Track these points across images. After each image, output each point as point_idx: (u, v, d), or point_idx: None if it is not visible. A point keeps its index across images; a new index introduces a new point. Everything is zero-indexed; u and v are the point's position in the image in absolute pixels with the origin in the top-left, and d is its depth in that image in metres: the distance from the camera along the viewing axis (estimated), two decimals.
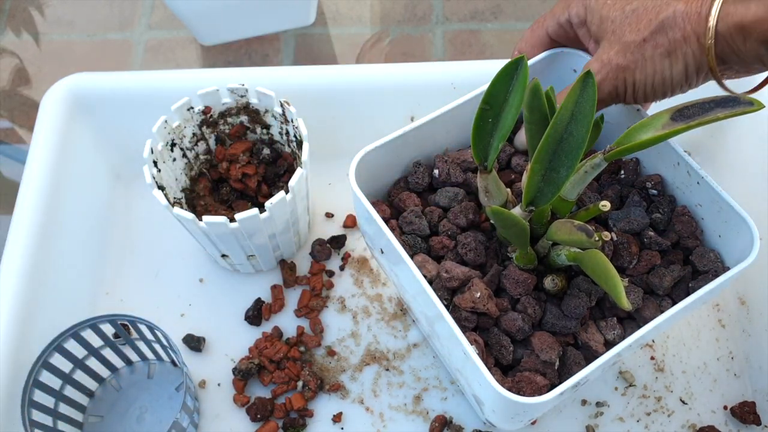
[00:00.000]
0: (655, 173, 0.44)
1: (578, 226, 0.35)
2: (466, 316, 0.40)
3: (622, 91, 0.40)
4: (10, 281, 0.49)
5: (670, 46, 0.37)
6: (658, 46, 0.37)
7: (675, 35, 0.37)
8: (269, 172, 0.56)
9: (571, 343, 0.41)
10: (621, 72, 0.39)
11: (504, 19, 0.82)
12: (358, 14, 0.82)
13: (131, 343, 0.51)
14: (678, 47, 0.37)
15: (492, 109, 0.36)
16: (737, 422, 0.50)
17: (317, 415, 0.51)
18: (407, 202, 0.44)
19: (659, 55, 0.38)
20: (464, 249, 0.41)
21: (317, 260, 0.57)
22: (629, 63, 0.39)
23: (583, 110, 0.34)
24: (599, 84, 0.40)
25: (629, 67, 0.39)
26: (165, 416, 0.51)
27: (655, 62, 0.38)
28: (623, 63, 0.39)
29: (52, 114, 0.56)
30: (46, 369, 0.46)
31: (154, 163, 0.50)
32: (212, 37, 0.78)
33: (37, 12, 0.83)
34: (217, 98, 0.53)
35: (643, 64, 0.38)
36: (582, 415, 0.51)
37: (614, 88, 0.40)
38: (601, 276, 0.33)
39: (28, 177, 0.53)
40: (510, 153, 0.46)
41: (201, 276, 0.57)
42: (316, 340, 0.53)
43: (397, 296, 0.55)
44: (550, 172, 0.35)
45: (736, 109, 0.33)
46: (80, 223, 0.56)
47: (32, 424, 0.44)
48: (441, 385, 0.52)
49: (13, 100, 0.77)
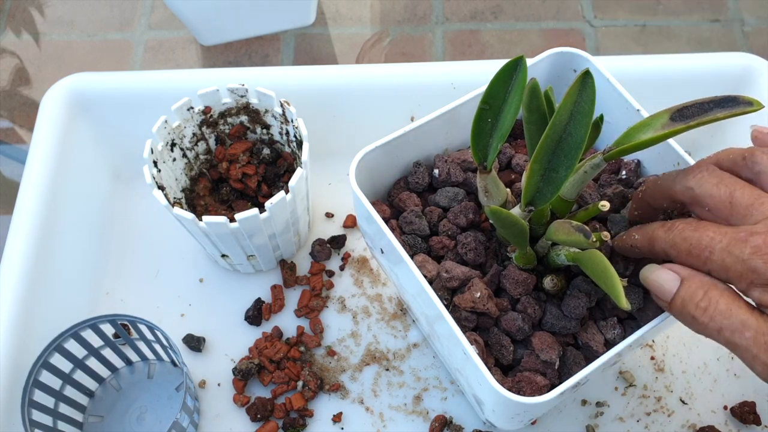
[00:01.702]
0: (655, 174, 0.44)
1: (576, 227, 0.35)
2: (466, 316, 0.40)
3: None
4: (10, 281, 0.49)
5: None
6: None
7: None
8: (269, 172, 0.57)
9: (571, 343, 0.41)
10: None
11: (504, 19, 0.82)
12: (358, 14, 0.82)
13: (131, 343, 0.51)
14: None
15: (491, 109, 0.36)
16: (737, 422, 0.50)
17: (317, 415, 0.51)
18: (407, 202, 0.44)
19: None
20: (464, 249, 0.41)
21: (317, 260, 0.57)
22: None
23: (582, 110, 0.34)
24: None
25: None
26: (165, 416, 0.51)
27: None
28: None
29: (52, 114, 0.56)
30: (46, 369, 0.46)
31: (154, 163, 0.50)
32: (212, 37, 0.78)
33: (37, 12, 0.83)
34: (217, 98, 0.53)
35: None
36: (582, 415, 0.51)
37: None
38: (601, 276, 0.33)
39: (28, 177, 0.53)
40: (510, 153, 0.46)
41: (201, 276, 0.57)
42: (316, 340, 0.53)
43: (397, 296, 0.55)
44: (550, 172, 0.35)
45: (736, 109, 0.33)
46: (80, 223, 0.56)
47: (32, 424, 0.44)
48: (441, 385, 0.52)
49: (13, 100, 0.77)
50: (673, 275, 0.34)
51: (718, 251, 0.31)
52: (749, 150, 0.34)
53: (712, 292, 0.32)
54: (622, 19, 0.82)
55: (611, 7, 0.83)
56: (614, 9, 0.83)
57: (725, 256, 0.31)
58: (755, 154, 0.34)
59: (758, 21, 0.82)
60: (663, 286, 0.34)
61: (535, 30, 0.81)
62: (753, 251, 0.30)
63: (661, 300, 0.34)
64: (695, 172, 0.34)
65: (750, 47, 0.80)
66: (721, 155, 0.36)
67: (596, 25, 0.82)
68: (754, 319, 0.30)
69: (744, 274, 0.31)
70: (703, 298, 0.32)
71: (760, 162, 0.33)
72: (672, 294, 0.33)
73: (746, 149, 0.34)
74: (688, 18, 0.83)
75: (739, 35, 0.81)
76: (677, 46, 0.80)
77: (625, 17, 0.83)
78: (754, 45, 0.80)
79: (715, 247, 0.32)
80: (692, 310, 0.32)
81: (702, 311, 0.32)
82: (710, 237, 0.32)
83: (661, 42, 0.81)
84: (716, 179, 0.33)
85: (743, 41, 0.80)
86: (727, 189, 0.33)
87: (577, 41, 0.80)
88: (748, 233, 0.31)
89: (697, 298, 0.32)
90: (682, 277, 0.33)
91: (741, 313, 0.31)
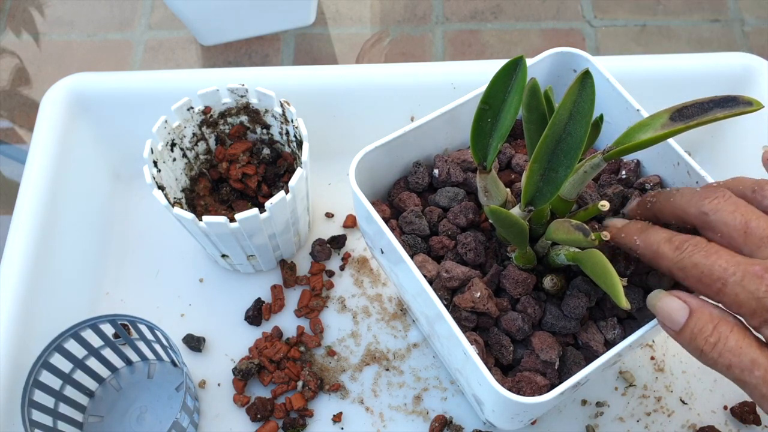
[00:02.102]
0: (655, 174, 0.44)
1: (576, 226, 0.35)
2: (466, 316, 0.40)
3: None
4: (10, 281, 0.49)
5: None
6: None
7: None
8: (269, 172, 0.57)
9: (571, 343, 0.41)
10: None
11: (504, 19, 0.82)
12: (358, 14, 0.82)
13: (131, 343, 0.51)
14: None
15: (491, 109, 0.36)
16: (737, 422, 0.50)
17: (317, 415, 0.51)
18: (407, 202, 0.44)
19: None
20: (464, 249, 0.41)
21: (317, 260, 0.57)
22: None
23: (582, 110, 0.34)
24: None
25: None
26: (165, 416, 0.51)
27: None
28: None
29: (52, 114, 0.56)
30: (46, 369, 0.46)
31: (154, 163, 0.50)
32: (212, 37, 0.78)
33: (37, 12, 0.83)
34: (217, 98, 0.53)
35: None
36: (582, 415, 0.51)
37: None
38: (600, 276, 0.33)
39: (28, 177, 0.53)
40: (510, 153, 0.46)
41: (201, 276, 0.57)
42: (316, 340, 0.53)
43: (397, 296, 0.55)
44: (549, 171, 0.35)
45: (735, 109, 0.33)
46: (80, 223, 0.56)
47: (32, 424, 0.44)
48: (441, 385, 0.52)
49: (13, 100, 0.77)
50: (681, 304, 0.33)
51: (731, 284, 0.31)
52: (760, 183, 0.34)
53: (721, 327, 0.31)
54: (622, 19, 0.82)
55: (611, 7, 0.83)
56: (614, 9, 0.83)
57: (739, 290, 0.30)
58: (765, 188, 0.33)
59: (758, 21, 0.82)
60: (671, 315, 0.33)
61: (535, 30, 0.81)
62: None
63: (669, 329, 0.34)
64: (710, 197, 0.34)
65: (750, 47, 0.80)
66: (730, 184, 0.35)
67: (596, 25, 0.82)
68: (764, 358, 0.30)
69: (758, 311, 0.30)
70: (712, 333, 0.31)
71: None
72: (680, 324, 0.33)
73: (756, 181, 0.34)
74: (688, 18, 0.83)
75: (739, 35, 0.81)
76: (677, 46, 0.80)
77: (625, 17, 0.83)
78: (754, 45, 0.80)
79: (729, 280, 0.31)
80: (701, 345, 0.31)
81: (711, 346, 0.31)
82: (723, 268, 0.31)
83: (661, 42, 0.81)
84: (732, 206, 0.33)
85: (743, 41, 0.80)
86: (743, 218, 0.32)
87: (577, 41, 0.80)
88: (762, 268, 0.30)
89: (707, 332, 0.31)
90: (692, 309, 0.32)
91: (751, 351, 0.30)
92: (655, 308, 0.35)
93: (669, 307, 0.33)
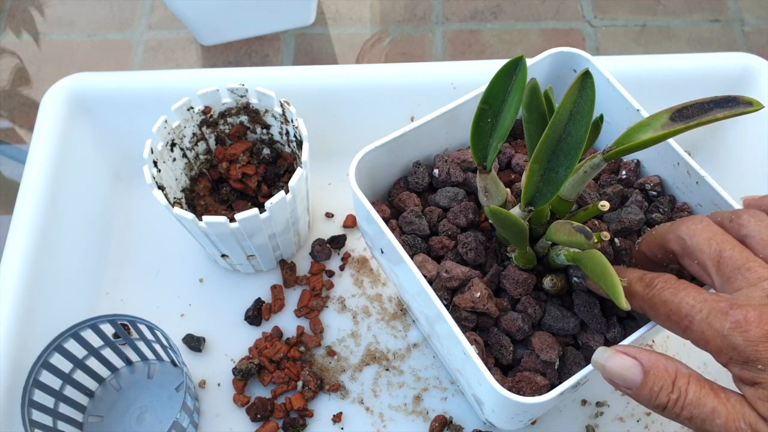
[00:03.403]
0: (655, 174, 0.44)
1: (577, 228, 0.35)
2: (466, 316, 0.40)
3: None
4: (10, 281, 0.49)
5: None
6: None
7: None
8: (269, 172, 0.57)
9: (571, 343, 0.41)
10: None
11: (504, 19, 0.82)
12: (358, 14, 0.82)
13: (131, 343, 0.51)
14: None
15: (491, 109, 0.36)
16: None
17: (317, 415, 0.51)
18: (407, 202, 0.44)
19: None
20: (464, 249, 0.41)
21: (317, 260, 0.57)
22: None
23: (582, 110, 0.34)
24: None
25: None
26: (165, 416, 0.51)
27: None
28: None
29: (52, 114, 0.56)
30: (46, 369, 0.46)
31: (154, 163, 0.50)
32: (212, 37, 0.78)
33: (37, 12, 0.83)
34: (217, 98, 0.53)
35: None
36: (582, 415, 0.51)
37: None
38: (600, 276, 0.33)
39: (28, 177, 0.53)
40: (510, 153, 0.46)
41: (201, 276, 0.57)
42: (316, 340, 0.53)
43: (397, 296, 0.55)
44: (549, 172, 0.35)
45: (735, 110, 0.33)
46: (80, 223, 0.56)
47: (32, 424, 0.44)
48: (441, 385, 0.52)
49: (13, 100, 0.77)
50: (633, 362, 0.32)
51: (698, 322, 0.30)
52: (736, 213, 0.34)
53: (679, 381, 0.31)
54: (622, 19, 0.82)
55: (611, 7, 0.83)
56: (614, 9, 0.83)
57: (705, 327, 0.30)
58: (741, 217, 0.33)
59: (758, 21, 0.82)
60: (624, 376, 0.32)
61: (535, 30, 0.81)
62: (733, 326, 0.29)
63: (624, 389, 0.32)
64: (689, 223, 0.34)
65: (750, 47, 0.80)
66: (711, 216, 0.35)
67: (596, 25, 0.82)
68: (722, 406, 0.30)
69: (724, 349, 0.30)
70: (673, 390, 0.31)
71: (746, 225, 0.33)
72: (637, 383, 0.32)
73: (733, 212, 0.34)
74: (688, 18, 0.83)
75: (739, 35, 0.81)
76: (677, 46, 0.80)
77: (625, 17, 0.83)
78: (754, 45, 0.80)
79: (695, 317, 0.31)
80: (664, 401, 0.31)
81: (674, 402, 0.31)
82: (690, 305, 0.31)
83: (661, 42, 0.81)
84: (709, 234, 0.33)
85: (743, 41, 0.80)
86: (717, 246, 0.32)
87: (577, 41, 0.80)
88: (728, 305, 0.30)
89: (668, 389, 0.31)
90: (646, 367, 0.32)
91: (709, 401, 0.30)
92: (605, 369, 0.33)
93: (621, 366, 0.32)
